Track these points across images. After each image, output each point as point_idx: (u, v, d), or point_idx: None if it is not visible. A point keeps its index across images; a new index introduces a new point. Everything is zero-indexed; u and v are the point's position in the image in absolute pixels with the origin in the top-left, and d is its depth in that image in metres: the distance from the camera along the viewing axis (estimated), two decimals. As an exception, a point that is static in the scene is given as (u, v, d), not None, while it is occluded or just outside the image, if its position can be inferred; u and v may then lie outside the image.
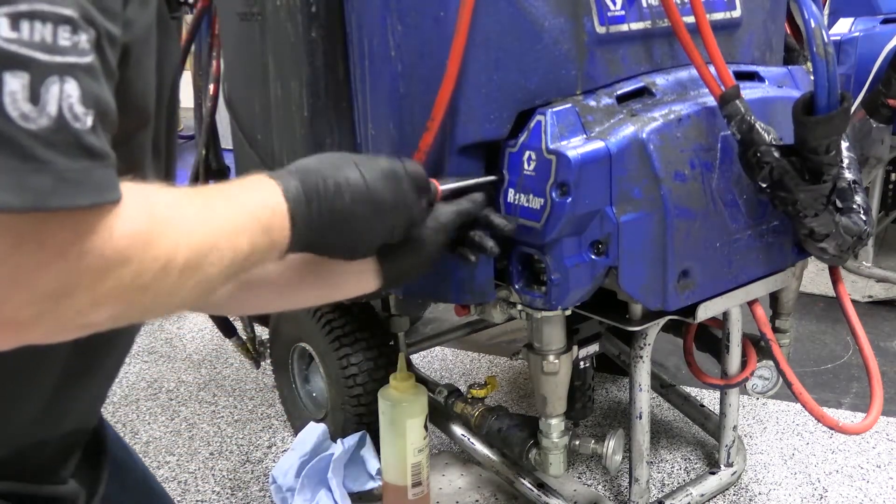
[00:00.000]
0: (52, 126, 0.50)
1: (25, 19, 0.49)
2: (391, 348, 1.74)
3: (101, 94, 0.53)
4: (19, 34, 0.49)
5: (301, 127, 1.36)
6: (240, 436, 2.03)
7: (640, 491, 1.55)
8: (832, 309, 2.53)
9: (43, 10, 0.50)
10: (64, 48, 0.50)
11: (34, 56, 0.49)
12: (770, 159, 1.16)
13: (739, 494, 1.73)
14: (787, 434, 1.94)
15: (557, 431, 1.41)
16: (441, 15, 1.14)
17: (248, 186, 0.75)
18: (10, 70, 0.48)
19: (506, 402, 2.10)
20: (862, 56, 2.25)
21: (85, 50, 0.52)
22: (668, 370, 2.20)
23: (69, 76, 0.51)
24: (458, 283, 1.25)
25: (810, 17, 1.16)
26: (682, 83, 1.29)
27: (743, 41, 1.42)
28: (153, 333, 2.62)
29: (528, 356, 1.38)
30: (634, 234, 1.18)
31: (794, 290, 1.57)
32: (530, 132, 1.16)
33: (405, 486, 1.57)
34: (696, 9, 1.21)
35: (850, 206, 1.28)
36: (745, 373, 1.57)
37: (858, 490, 1.73)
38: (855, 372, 2.22)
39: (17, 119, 0.49)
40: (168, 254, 0.58)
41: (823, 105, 1.14)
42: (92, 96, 0.52)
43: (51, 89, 0.50)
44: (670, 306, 1.25)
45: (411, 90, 1.20)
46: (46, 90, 0.50)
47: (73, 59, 0.51)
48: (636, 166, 1.16)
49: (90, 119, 0.52)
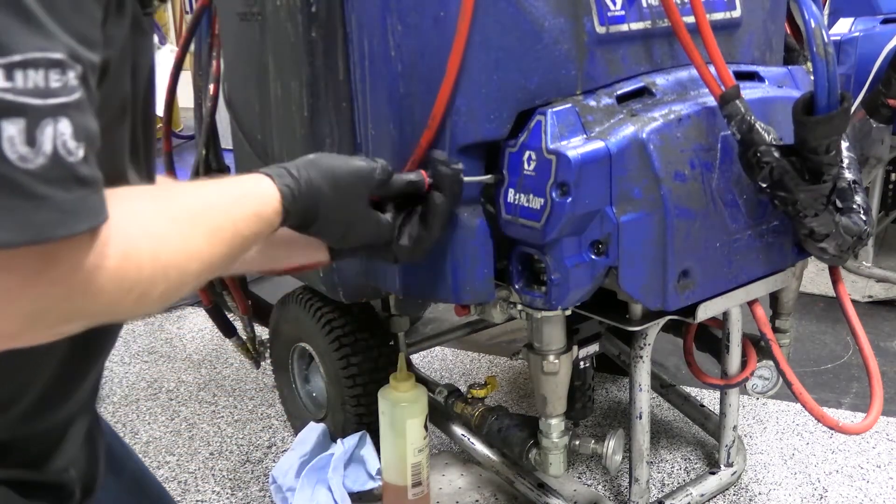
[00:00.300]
0: (48, 164, 0.53)
1: (19, 69, 0.52)
2: (391, 348, 1.74)
3: (89, 126, 0.57)
4: (14, 83, 0.52)
5: (301, 127, 1.36)
6: (240, 436, 2.03)
7: (640, 491, 1.55)
8: (832, 309, 2.53)
9: (35, 57, 0.53)
10: (55, 90, 0.54)
11: (29, 102, 0.53)
12: (770, 159, 1.16)
13: (739, 494, 1.73)
14: (787, 434, 1.94)
15: (557, 431, 1.41)
16: (441, 15, 1.14)
17: (234, 180, 0.81)
18: (8, 118, 0.52)
19: (506, 402, 2.10)
20: (862, 56, 2.25)
21: (73, 87, 0.55)
22: (668, 370, 2.20)
23: (61, 115, 0.54)
24: (458, 283, 1.25)
25: (810, 17, 1.16)
26: (682, 83, 1.29)
27: (743, 41, 1.42)
28: (153, 333, 2.62)
29: (528, 356, 1.38)
30: (634, 234, 1.18)
31: (794, 290, 1.57)
32: (530, 132, 1.16)
33: (405, 486, 1.57)
34: (696, 9, 1.21)
35: (850, 206, 1.28)
36: (745, 373, 1.57)
37: (858, 490, 1.73)
38: (855, 372, 2.22)
39: (15, 161, 0.52)
40: (153, 262, 0.63)
41: (823, 105, 1.14)
42: (83, 129, 0.56)
43: (45, 131, 0.53)
44: (670, 306, 1.25)
45: (411, 90, 1.20)
46: (42, 132, 0.53)
47: (63, 100, 0.54)
48: (636, 166, 1.16)
49: (81, 150, 0.55)
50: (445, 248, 1.23)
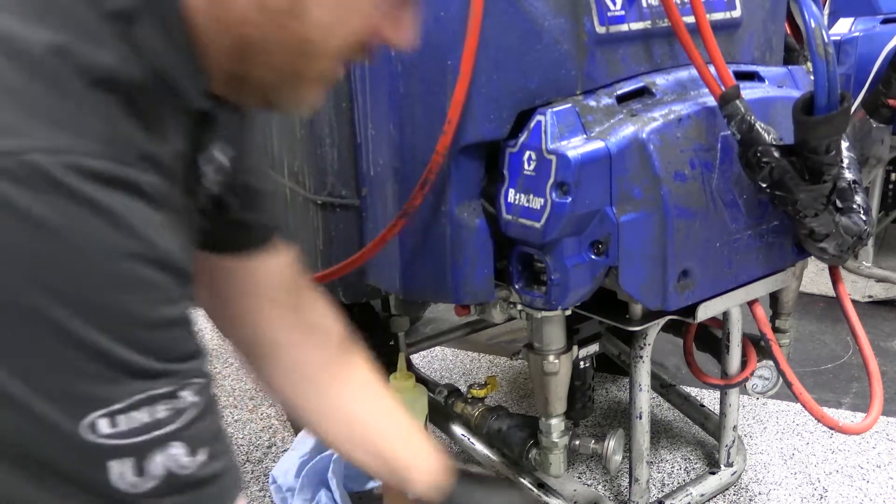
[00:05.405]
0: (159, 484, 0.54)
1: (121, 414, 0.52)
2: (391, 348, 1.74)
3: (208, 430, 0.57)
4: (117, 428, 0.52)
5: (301, 127, 1.36)
6: (240, 436, 2.03)
7: (640, 491, 1.55)
8: (832, 309, 2.52)
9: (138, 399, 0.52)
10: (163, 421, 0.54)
11: (133, 442, 0.52)
12: (770, 159, 1.16)
13: (739, 494, 1.73)
14: (787, 434, 1.94)
15: (557, 431, 1.41)
16: (441, 14, 1.14)
17: None
18: (115, 459, 0.52)
19: (506, 402, 2.10)
20: (862, 56, 2.25)
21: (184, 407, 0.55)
22: (668, 370, 2.20)
23: (172, 441, 0.54)
24: (458, 283, 1.25)
25: (810, 17, 1.15)
26: (682, 83, 1.29)
27: (743, 41, 1.42)
28: (153, 333, 2.62)
29: (528, 356, 1.38)
30: (634, 233, 1.18)
31: (794, 290, 1.57)
32: (530, 132, 1.16)
33: (405, 486, 1.57)
34: (696, 9, 1.21)
35: (850, 206, 1.28)
36: (745, 373, 1.57)
37: (858, 490, 1.73)
38: (855, 372, 2.22)
39: (126, 489, 0.53)
40: None
41: (823, 105, 1.14)
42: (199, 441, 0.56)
43: (155, 460, 0.54)
44: (670, 306, 1.25)
45: (411, 90, 1.20)
46: (150, 462, 0.53)
47: (173, 427, 0.54)
48: (636, 166, 1.16)
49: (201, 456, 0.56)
50: (445, 248, 1.23)
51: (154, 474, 0.53)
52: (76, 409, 0.51)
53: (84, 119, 0.52)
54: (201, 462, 0.56)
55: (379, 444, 0.95)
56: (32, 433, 0.51)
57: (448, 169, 1.20)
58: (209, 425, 0.58)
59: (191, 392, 0.56)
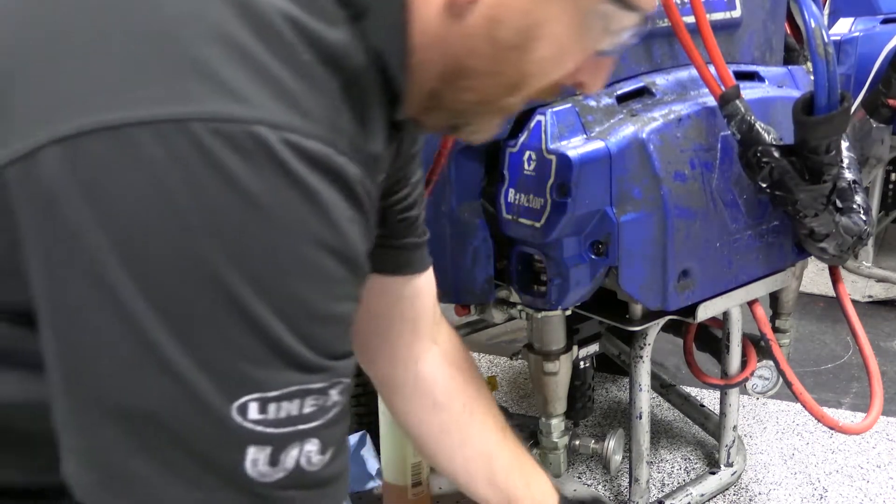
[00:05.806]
0: (286, 477, 0.53)
1: (273, 402, 0.51)
2: (391, 348, 1.74)
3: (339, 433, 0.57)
4: (266, 415, 0.51)
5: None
6: (240, 436, 2.02)
7: (640, 491, 1.55)
8: (832, 309, 2.52)
9: (292, 391, 0.52)
10: (308, 416, 0.53)
11: (278, 432, 0.52)
12: (770, 159, 1.16)
13: (739, 494, 1.73)
14: (787, 434, 1.94)
15: (557, 431, 1.41)
16: (441, 15, 1.14)
17: None
18: (255, 445, 0.51)
19: (506, 402, 2.10)
20: (862, 56, 2.25)
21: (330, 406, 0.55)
22: (668, 370, 2.20)
23: (310, 437, 0.54)
24: (458, 283, 1.25)
25: (810, 17, 1.15)
26: (682, 83, 1.29)
27: (743, 41, 1.42)
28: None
29: (528, 356, 1.38)
30: (634, 234, 1.18)
31: (794, 290, 1.57)
32: (530, 132, 1.16)
33: (405, 485, 1.57)
34: (696, 9, 1.21)
35: (850, 206, 1.28)
36: (745, 373, 1.57)
37: (858, 490, 1.73)
38: (855, 372, 2.22)
39: (255, 477, 0.52)
40: None
41: (823, 105, 1.14)
42: (331, 442, 0.56)
43: (290, 453, 0.53)
44: (670, 306, 1.25)
45: (411, 90, 1.20)
46: (286, 454, 0.53)
47: (316, 423, 0.54)
48: (636, 166, 1.16)
49: (327, 456, 0.55)
50: (445, 247, 1.23)
51: (285, 466, 0.52)
52: (232, 389, 0.50)
53: (312, 96, 0.51)
54: (327, 461, 0.55)
55: (498, 475, 0.95)
56: (178, 404, 0.49)
57: (448, 169, 1.20)
58: (342, 427, 0.57)
59: (337, 391, 0.55)
